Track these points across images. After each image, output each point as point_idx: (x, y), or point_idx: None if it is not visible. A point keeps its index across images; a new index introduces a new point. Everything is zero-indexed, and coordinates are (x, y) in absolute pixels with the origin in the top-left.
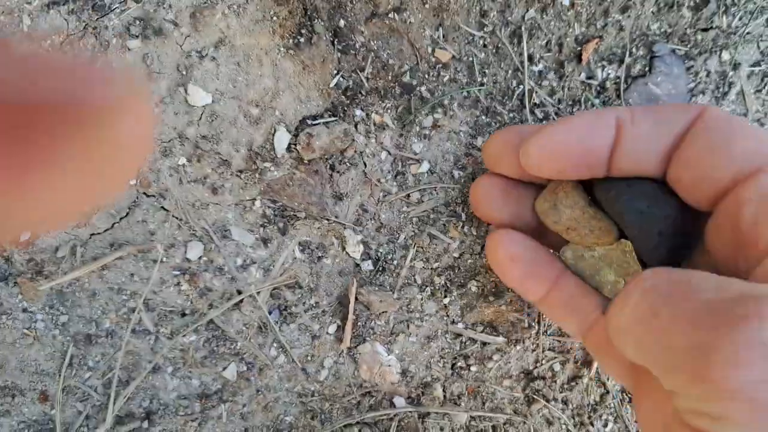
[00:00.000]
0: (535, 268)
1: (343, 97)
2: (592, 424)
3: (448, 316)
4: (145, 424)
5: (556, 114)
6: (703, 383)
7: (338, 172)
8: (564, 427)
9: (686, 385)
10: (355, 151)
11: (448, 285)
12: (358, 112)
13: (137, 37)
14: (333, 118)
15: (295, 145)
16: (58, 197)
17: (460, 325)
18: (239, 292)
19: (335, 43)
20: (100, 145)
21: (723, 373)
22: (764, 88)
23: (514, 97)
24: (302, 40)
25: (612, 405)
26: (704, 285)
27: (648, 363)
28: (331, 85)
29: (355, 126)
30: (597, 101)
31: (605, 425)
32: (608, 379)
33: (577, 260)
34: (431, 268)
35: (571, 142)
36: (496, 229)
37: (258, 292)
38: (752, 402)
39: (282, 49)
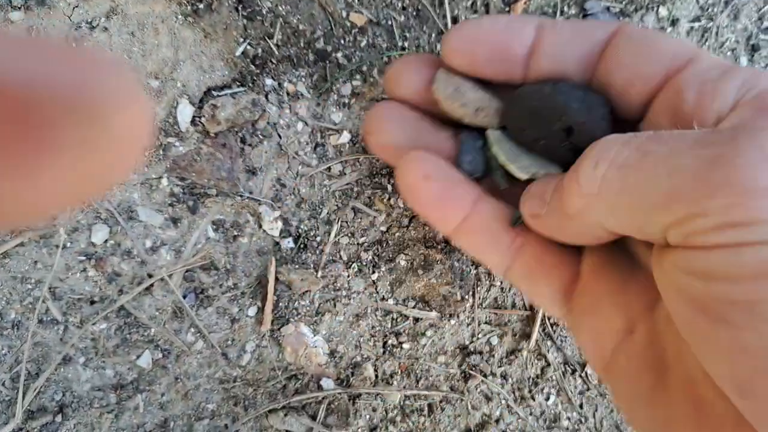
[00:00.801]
0: (451, 189)
1: (252, 66)
2: (533, 398)
3: (377, 292)
4: (59, 418)
5: None
6: (728, 191)
7: (250, 145)
8: (504, 402)
9: (701, 206)
10: (268, 123)
11: (376, 260)
12: (268, 81)
13: (19, 8)
14: (241, 89)
15: (200, 117)
16: (57, 185)
17: (391, 302)
18: (150, 276)
19: (239, 9)
20: (101, 134)
21: (752, 173)
22: (705, 44)
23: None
24: (201, 6)
25: (553, 377)
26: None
27: (636, 215)
28: (238, 54)
29: (266, 96)
30: None
31: (547, 398)
32: (548, 351)
33: (499, 142)
34: (357, 244)
35: (491, 34)
36: (410, 152)
37: (170, 275)
38: None
39: (180, 16)
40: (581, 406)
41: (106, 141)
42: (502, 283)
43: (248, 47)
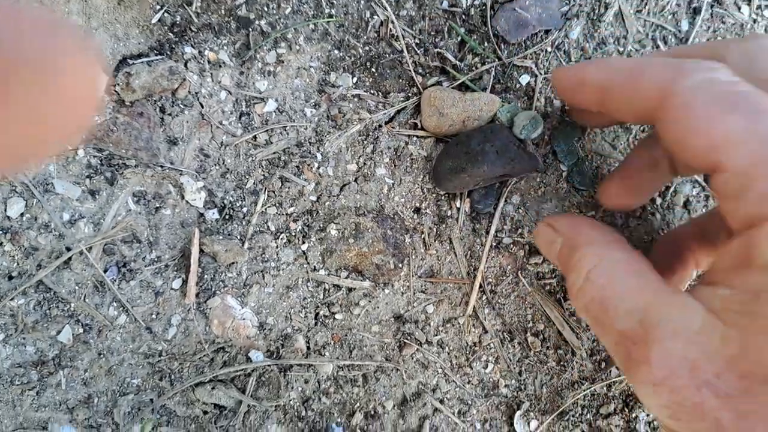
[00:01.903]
0: None
1: (170, 34)
2: (470, 366)
3: (307, 263)
4: None
5: (416, 45)
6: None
7: (170, 114)
8: (440, 370)
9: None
10: (189, 92)
11: (306, 230)
12: (188, 49)
13: None
14: (159, 57)
15: (115, 86)
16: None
17: (322, 272)
18: (68, 250)
19: None
20: (49, 95)
21: (639, 395)
22: (645, 7)
23: (369, 28)
24: None
25: (492, 345)
26: (621, 303)
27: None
28: (154, 22)
29: (185, 64)
30: (462, 30)
31: (485, 366)
32: (486, 319)
33: None
34: (286, 214)
35: (570, 82)
36: None
37: (89, 248)
38: (660, 412)
39: None
40: (520, 374)
41: (52, 99)
42: (437, 251)
43: (166, 14)
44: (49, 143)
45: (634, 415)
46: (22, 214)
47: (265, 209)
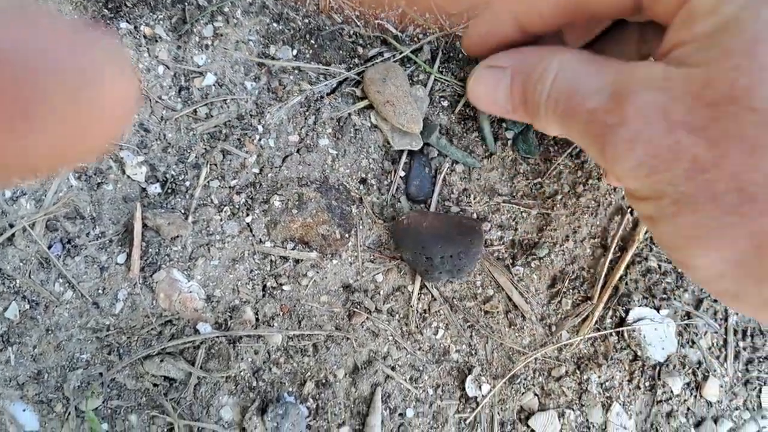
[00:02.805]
0: None
1: (105, 9)
2: (421, 333)
3: (253, 235)
4: None
5: (356, 17)
6: (611, 171)
7: None
8: (391, 338)
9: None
10: None
11: (250, 203)
12: (123, 24)
13: None
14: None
15: None
16: (40, 147)
17: (268, 244)
18: (11, 226)
19: None
20: (85, 102)
21: (614, 164)
22: None
23: (308, 1)
24: None
25: (442, 312)
26: (588, 88)
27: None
28: None
29: (121, 39)
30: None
31: (436, 333)
32: (433, 287)
33: (379, 122)
34: (229, 187)
35: (482, 32)
36: None
37: (32, 225)
38: (636, 176)
39: None
40: (471, 338)
41: (91, 106)
42: (384, 222)
43: None
44: (83, 152)
45: (585, 377)
46: None
47: (208, 182)
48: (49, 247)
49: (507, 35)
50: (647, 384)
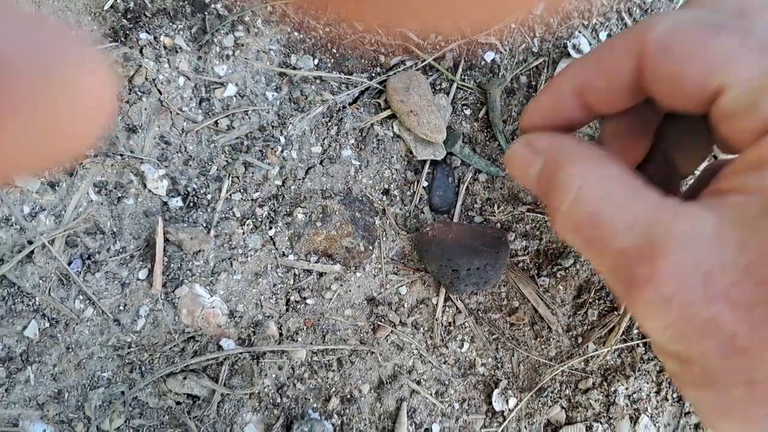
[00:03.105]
0: None
1: (124, 20)
2: (446, 346)
3: (276, 249)
4: None
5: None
6: (632, 314)
7: (127, 102)
8: (416, 351)
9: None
10: (146, 78)
11: (272, 215)
12: (143, 35)
13: None
14: (113, 44)
15: None
16: (18, 148)
17: (291, 257)
18: (30, 243)
19: None
20: (61, 103)
21: (641, 320)
22: None
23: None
24: None
25: (467, 325)
26: (615, 220)
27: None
28: (107, 8)
29: (141, 50)
30: None
31: (461, 346)
32: (457, 299)
33: (402, 132)
34: (251, 199)
35: (548, 119)
36: None
37: (51, 241)
38: (663, 335)
39: None
40: (497, 351)
41: (66, 105)
42: (408, 233)
43: (118, 1)
44: (59, 152)
45: (613, 389)
46: None
47: (230, 195)
48: (69, 264)
49: (569, 114)
50: (675, 395)
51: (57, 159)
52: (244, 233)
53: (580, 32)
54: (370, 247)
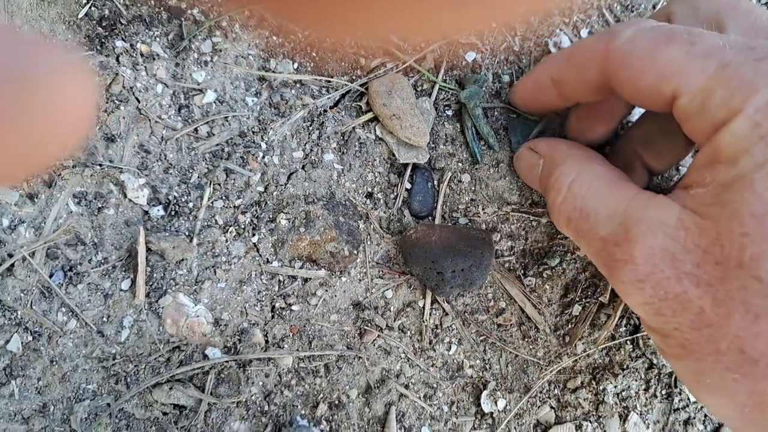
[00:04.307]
0: None
1: (99, 28)
2: (433, 349)
3: (259, 255)
4: None
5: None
6: (617, 292)
7: (105, 111)
8: (403, 355)
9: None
10: (123, 87)
11: (255, 222)
12: (119, 43)
13: None
14: (89, 53)
15: None
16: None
17: (275, 264)
18: (10, 256)
19: None
20: (39, 107)
21: (623, 295)
22: None
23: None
24: None
25: (454, 327)
26: (600, 211)
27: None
28: (81, 16)
29: (117, 58)
30: None
31: (449, 348)
32: (444, 301)
33: (385, 135)
34: (233, 206)
35: (529, 99)
36: None
37: (32, 254)
38: (644, 311)
39: None
40: (484, 353)
41: (45, 113)
42: (392, 236)
43: (93, 8)
44: (37, 159)
45: (602, 387)
46: None
47: (212, 203)
48: (51, 276)
49: (548, 99)
50: (664, 392)
51: (36, 167)
52: (227, 241)
53: (561, 30)
54: (355, 252)
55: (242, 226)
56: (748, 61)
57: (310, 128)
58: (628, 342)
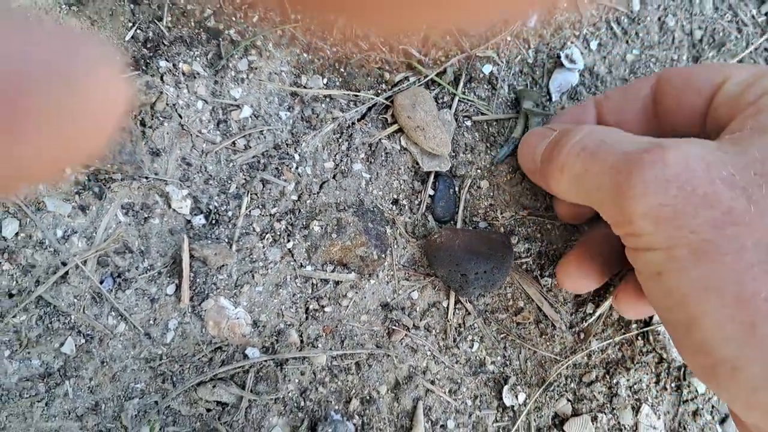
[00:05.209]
0: None
1: (144, 50)
2: (457, 347)
3: (294, 260)
4: None
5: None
6: (623, 212)
7: (151, 127)
8: (429, 353)
9: (614, 215)
10: (167, 104)
11: (290, 229)
12: (162, 63)
13: None
14: (135, 72)
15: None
16: (33, 154)
17: (309, 268)
18: (64, 264)
19: None
20: (72, 109)
21: (635, 201)
22: None
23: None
24: None
25: (476, 326)
26: (623, 140)
27: (587, 203)
28: (128, 39)
29: (161, 78)
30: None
31: (471, 346)
32: (467, 301)
33: (409, 146)
34: (269, 215)
35: (568, 122)
36: None
37: (84, 262)
38: (656, 218)
39: (64, 5)
40: (505, 350)
41: (81, 110)
42: (417, 240)
43: (138, 31)
44: (71, 157)
45: (615, 381)
46: (17, 234)
47: (249, 211)
48: (101, 282)
49: (585, 121)
50: (673, 385)
51: (66, 166)
52: (264, 247)
53: (572, 42)
54: (383, 255)
55: (278, 233)
56: None
57: (340, 140)
58: (639, 337)
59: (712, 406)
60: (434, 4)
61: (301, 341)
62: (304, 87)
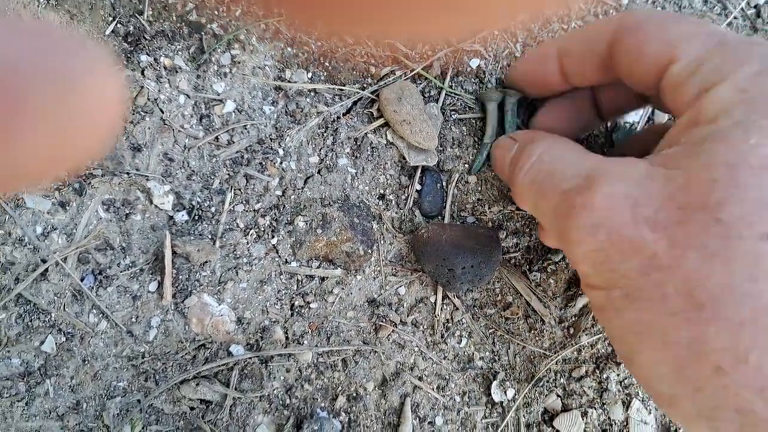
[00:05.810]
0: None
1: (125, 44)
2: (445, 342)
3: (279, 256)
4: None
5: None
6: (568, 254)
7: (131, 122)
8: (416, 349)
9: (562, 244)
10: (148, 99)
11: (275, 225)
12: (143, 57)
13: None
14: (116, 67)
15: None
16: (29, 156)
17: (294, 264)
18: (44, 261)
19: None
20: (70, 109)
21: (574, 246)
22: None
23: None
24: None
25: (464, 321)
26: (567, 170)
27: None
28: (108, 33)
29: (142, 72)
30: None
31: (459, 342)
32: (455, 296)
33: (395, 140)
34: (253, 210)
35: (530, 73)
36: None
37: (64, 259)
38: (592, 262)
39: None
40: (493, 345)
41: (78, 110)
42: (404, 235)
43: (119, 25)
44: (68, 160)
45: (605, 376)
46: None
47: (233, 207)
48: (82, 280)
49: (549, 75)
50: None
51: (64, 168)
52: (248, 243)
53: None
54: (369, 251)
55: (262, 229)
56: (746, 42)
57: (325, 134)
58: None
59: None
60: (452, 9)
61: (287, 338)
62: (289, 81)
